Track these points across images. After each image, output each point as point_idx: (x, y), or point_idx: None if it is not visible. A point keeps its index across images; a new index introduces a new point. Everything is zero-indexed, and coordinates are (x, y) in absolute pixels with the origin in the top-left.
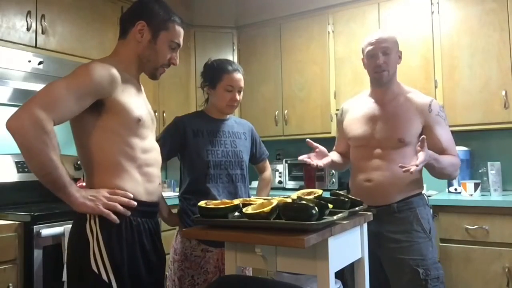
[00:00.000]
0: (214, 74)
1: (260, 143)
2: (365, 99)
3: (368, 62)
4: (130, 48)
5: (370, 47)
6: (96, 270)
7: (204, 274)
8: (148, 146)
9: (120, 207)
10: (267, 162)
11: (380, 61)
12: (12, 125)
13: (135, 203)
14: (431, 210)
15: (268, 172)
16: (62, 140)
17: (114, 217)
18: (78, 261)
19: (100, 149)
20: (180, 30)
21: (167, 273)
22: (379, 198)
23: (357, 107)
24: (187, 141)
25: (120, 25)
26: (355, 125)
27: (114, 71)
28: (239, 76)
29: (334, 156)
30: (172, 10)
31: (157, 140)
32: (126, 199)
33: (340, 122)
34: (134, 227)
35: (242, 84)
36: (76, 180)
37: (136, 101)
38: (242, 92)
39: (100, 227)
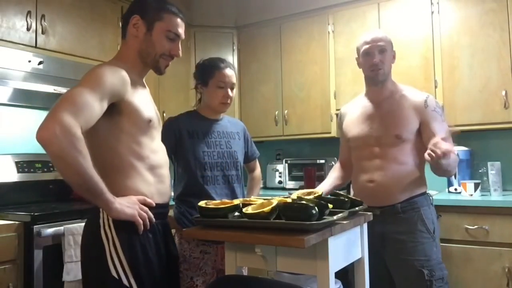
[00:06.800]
0: (206, 71)
1: (252, 142)
2: (362, 99)
3: (364, 61)
4: (130, 46)
5: (366, 46)
6: (116, 276)
7: (202, 276)
8: (156, 147)
9: (147, 221)
10: (257, 161)
11: (377, 59)
12: (43, 136)
13: (153, 220)
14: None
15: (258, 171)
16: None
17: (142, 228)
18: (95, 269)
19: (112, 150)
20: (177, 20)
21: None
22: (382, 199)
23: (354, 109)
24: (182, 143)
25: (121, 27)
26: (352, 125)
27: (124, 73)
28: (230, 72)
29: (329, 181)
30: (167, 2)
31: None
32: (151, 214)
33: (340, 127)
34: (148, 230)
35: (234, 80)
36: None
37: (145, 102)
38: (234, 89)
39: (116, 231)
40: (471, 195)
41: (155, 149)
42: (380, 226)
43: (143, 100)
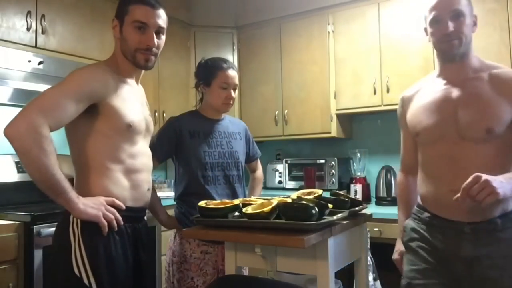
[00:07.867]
0: (209, 72)
1: (253, 142)
2: (434, 81)
3: (433, 31)
4: (116, 48)
5: (434, 12)
6: (78, 274)
7: (203, 276)
8: (137, 152)
9: (114, 223)
10: (259, 161)
11: (449, 28)
12: (9, 131)
13: (122, 222)
14: None
15: (259, 171)
16: (59, 140)
17: (106, 230)
18: (61, 264)
19: (88, 150)
20: (142, 8)
21: (164, 275)
22: (473, 213)
23: (423, 93)
24: (183, 142)
25: None
26: (423, 114)
27: (107, 75)
28: (233, 73)
29: (406, 212)
30: None
31: (153, 142)
32: (119, 216)
33: (402, 116)
34: (115, 232)
35: (237, 81)
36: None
37: (130, 106)
38: (237, 90)
39: (82, 231)
40: None
41: (135, 154)
42: (470, 248)
43: (128, 104)
